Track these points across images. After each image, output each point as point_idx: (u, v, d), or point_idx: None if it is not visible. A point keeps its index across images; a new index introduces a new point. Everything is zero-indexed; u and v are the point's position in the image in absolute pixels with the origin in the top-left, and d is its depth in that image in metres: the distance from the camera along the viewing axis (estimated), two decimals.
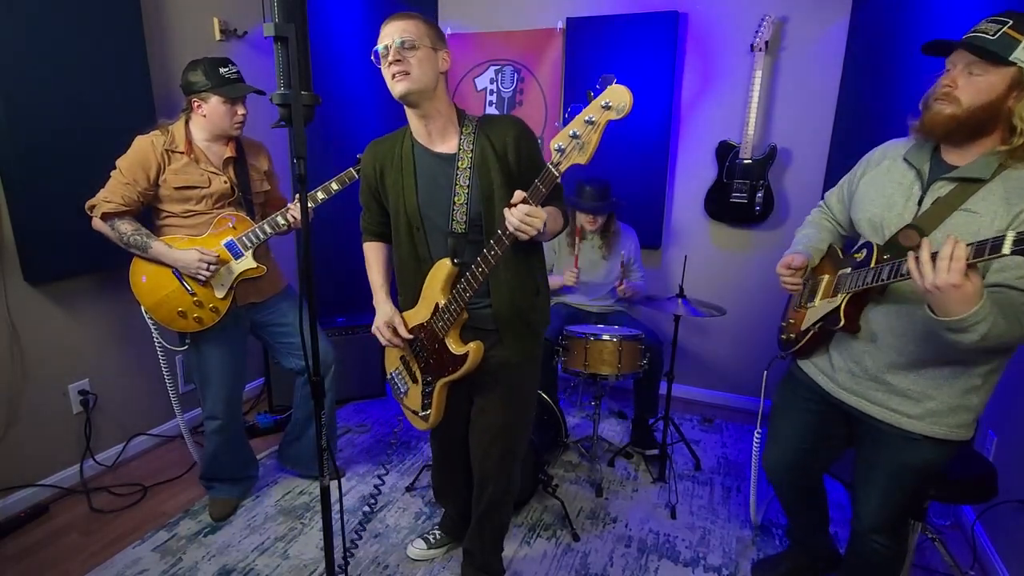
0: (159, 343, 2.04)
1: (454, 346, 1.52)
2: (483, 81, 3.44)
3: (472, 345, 1.50)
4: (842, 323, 1.36)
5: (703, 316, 2.38)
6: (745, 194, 2.94)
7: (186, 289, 1.91)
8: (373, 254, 1.69)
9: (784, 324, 1.65)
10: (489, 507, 1.72)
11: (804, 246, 1.56)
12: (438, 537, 2.01)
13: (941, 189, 1.24)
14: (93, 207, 1.85)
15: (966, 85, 1.15)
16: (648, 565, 2.01)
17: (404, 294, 1.62)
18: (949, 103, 1.17)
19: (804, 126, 2.86)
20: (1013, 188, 1.16)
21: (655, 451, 2.62)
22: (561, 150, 1.20)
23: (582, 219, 2.74)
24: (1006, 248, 0.96)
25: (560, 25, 3.18)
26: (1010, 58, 1.10)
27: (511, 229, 1.28)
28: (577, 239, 2.78)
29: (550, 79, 3.28)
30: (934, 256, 1.06)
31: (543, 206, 1.31)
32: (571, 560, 2.03)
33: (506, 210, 1.30)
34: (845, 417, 1.52)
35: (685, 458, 2.68)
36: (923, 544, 2.01)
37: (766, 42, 2.74)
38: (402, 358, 1.68)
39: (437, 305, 1.51)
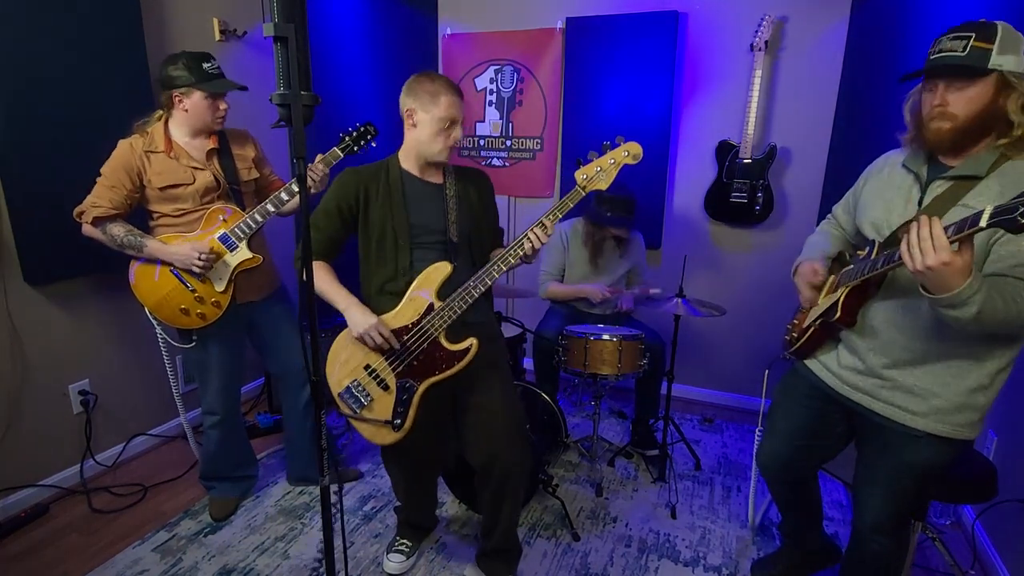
0: (163, 340, 2.03)
1: (450, 344, 1.60)
2: (483, 81, 3.44)
3: (471, 340, 1.60)
4: (838, 315, 1.38)
5: (703, 316, 2.38)
6: (745, 194, 2.94)
7: (186, 286, 1.91)
8: (326, 272, 1.66)
9: (789, 325, 1.67)
10: (514, 491, 1.76)
11: (816, 252, 1.58)
12: (409, 545, 1.99)
13: (939, 188, 1.28)
14: (82, 213, 1.85)
15: (956, 100, 1.20)
16: (648, 565, 2.01)
17: (380, 301, 1.65)
18: (946, 119, 1.22)
19: (804, 126, 2.86)
20: (1009, 183, 1.19)
21: (655, 451, 2.62)
22: (587, 176, 1.58)
23: (617, 230, 2.68)
24: (983, 222, 0.99)
25: (560, 25, 3.18)
26: (989, 67, 1.16)
27: (535, 240, 1.55)
28: (593, 250, 2.73)
29: (550, 79, 3.28)
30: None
31: (484, 236, 1.76)
32: (571, 560, 2.03)
33: (533, 229, 1.55)
34: (847, 415, 1.53)
35: (685, 458, 2.68)
36: (923, 544, 2.01)
37: (766, 42, 2.74)
38: (367, 367, 1.65)
39: (431, 306, 1.59)
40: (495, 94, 3.44)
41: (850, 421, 1.54)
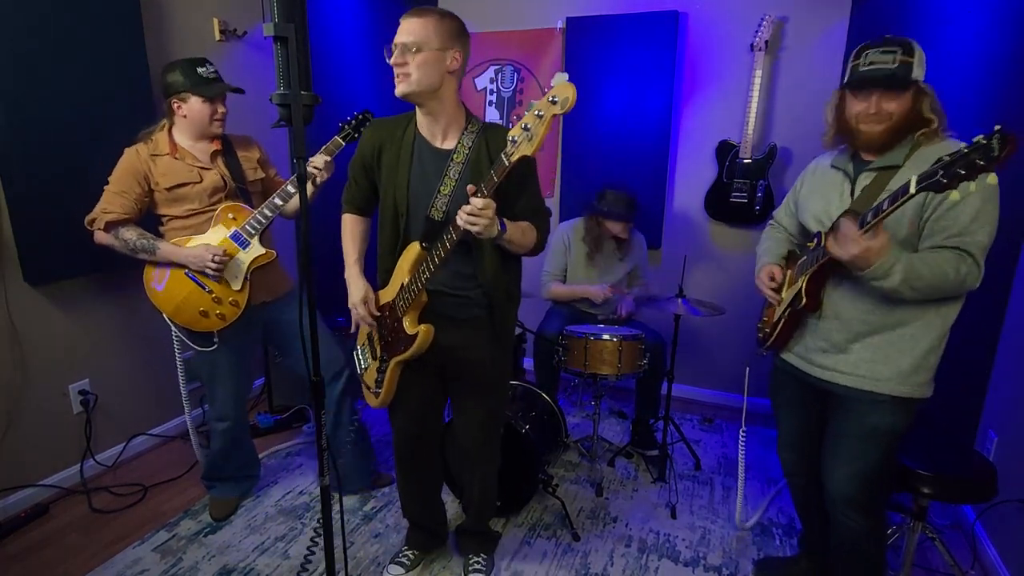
0: (177, 339, 2.00)
1: (408, 326, 1.57)
2: (483, 81, 3.45)
3: (422, 327, 1.54)
4: (804, 301, 1.51)
5: (703, 316, 2.38)
6: (745, 194, 2.94)
7: (202, 288, 1.91)
8: (351, 227, 1.70)
9: (760, 323, 1.79)
10: (483, 478, 1.85)
11: (770, 257, 1.76)
12: (412, 557, 1.94)
13: (866, 180, 1.45)
14: (93, 221, 1.85)
15: (888, 105, 1.37)
16: (648, 565, 2.01)
17: (382, 274, 1.65)
18: (879, 122, 1.38)
19: (804, 126, 2.85)
20: (922, 165, 1.29)
21: (655, 451, 2.62)
22: (514, 141, 1.26)
23: (614, 228, 2.68)
24: (912, 189, 1.16)
25: (560, 25, 3.18)
26: (912, 77, 1.34)
27: (460, 224, 1.35)
28: (592, 245, 2.73)
29: (550, 79, 3.28)
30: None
31: (517, 220, 1.49)
32: (571, 560, 2.03)
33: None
34: (819, 397, 1.61)
35: (685, 458, 2.68)
36: (923, 544, 2.01)
37: (766, 42, 2.74)
38: (369, 335, 1.72)
39: (402, 284, 1.56)
40: (495, 94, 3.44)
41: (823, 404, 1.62)
